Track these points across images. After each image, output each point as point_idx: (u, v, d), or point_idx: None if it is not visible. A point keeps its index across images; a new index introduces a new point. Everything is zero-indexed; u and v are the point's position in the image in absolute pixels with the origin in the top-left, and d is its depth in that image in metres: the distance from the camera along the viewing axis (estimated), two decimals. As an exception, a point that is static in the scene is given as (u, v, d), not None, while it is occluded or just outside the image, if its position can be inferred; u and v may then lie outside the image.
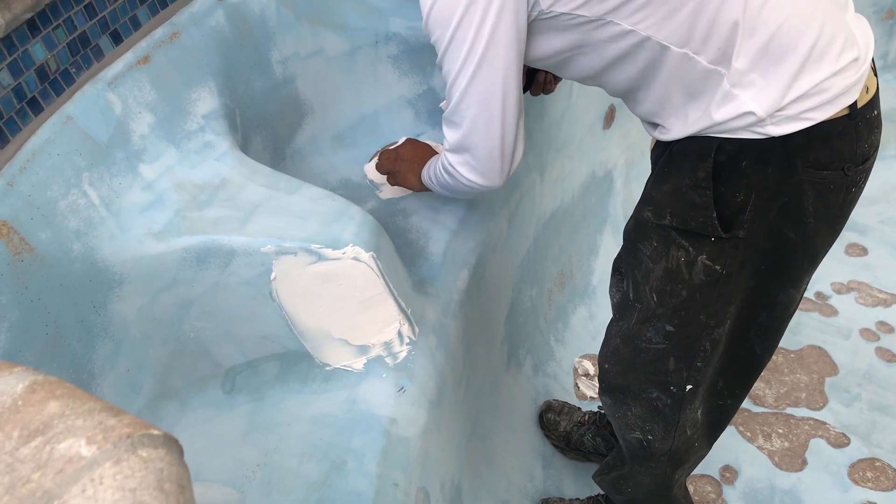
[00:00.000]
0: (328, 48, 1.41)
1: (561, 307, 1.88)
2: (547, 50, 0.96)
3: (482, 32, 0.90)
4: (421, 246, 1.36)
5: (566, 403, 1.66)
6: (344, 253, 1.03)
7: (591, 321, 1.93)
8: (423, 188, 1.27)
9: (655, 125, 1.01)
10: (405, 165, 1.31)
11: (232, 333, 1.11)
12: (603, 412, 1.58)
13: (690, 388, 1.10)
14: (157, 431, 0.45)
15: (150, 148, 1.09)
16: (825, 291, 2.03)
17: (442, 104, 1.11)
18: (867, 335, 1.91)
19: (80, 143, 1.01)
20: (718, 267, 0.98)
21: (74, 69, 1.05)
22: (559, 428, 1.61)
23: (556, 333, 1.84)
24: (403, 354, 1.13)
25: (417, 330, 1.15)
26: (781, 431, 1.70)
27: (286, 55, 1.36)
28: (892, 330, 1.92)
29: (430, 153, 1.31)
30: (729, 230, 0.95)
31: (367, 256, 1.03)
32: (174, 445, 0.46)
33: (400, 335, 1.11)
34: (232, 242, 1.03)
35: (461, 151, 1.05)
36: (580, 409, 1.64)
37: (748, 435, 1.69)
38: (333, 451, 1.05)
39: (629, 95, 1.01)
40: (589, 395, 1.76)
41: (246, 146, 1.29)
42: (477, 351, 1.43)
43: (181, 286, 1.05)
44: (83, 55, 1.06)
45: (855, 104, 0.89)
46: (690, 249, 0.98)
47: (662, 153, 1.01)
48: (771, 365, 1.82)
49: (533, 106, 1.51)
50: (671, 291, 1.03)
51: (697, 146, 0.94)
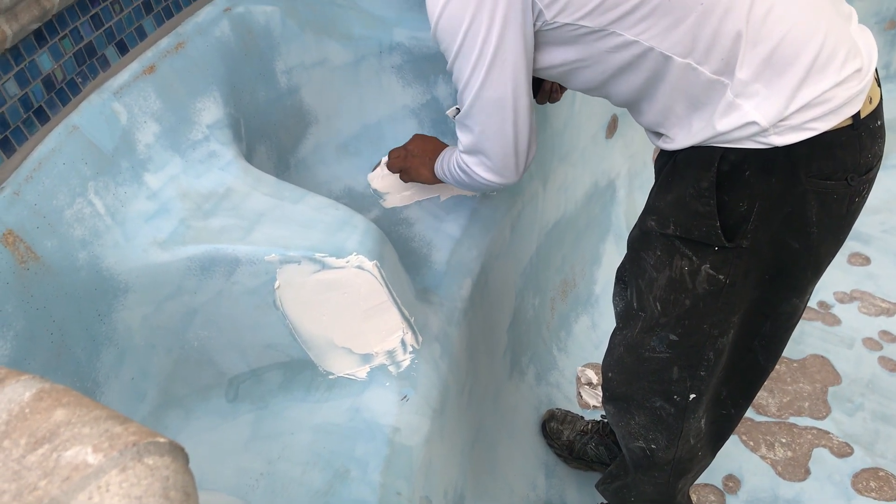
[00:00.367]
0: (332, 58, 1.42)
1: (564, 316, 1.88)
2: (551, 60, 0.97)
3: (490, 40, 0.91)
4: (424, 255, 1.36)
5: (569, 412, 1.65)
6: (347, 262, 1.03)
7: (593, 330, 1.93)
8: (436, 181, 1.27)
9: (659, 135, 1.02)
10: (416, 161, 1.31)
11: (236, 342, 1.12)
12: (606, 421, 1.58)
13: (694, 397, 1.10)
14: (162, 439, 0.45)
15: (155, 157, 1.10)
16: (828, 301, 2.03)
17: (447, 112, 1.12)
18: (870, 344, 1.90)
19: (85, 152, 1.01)
20: (722, 276, 0.98)
21: (81, 79, 1.06)
22: (562, 437, 1.60)
23: (558, 342, 1.84)
24: (407, 363, 1.13)
25: (421, 338, 1.15)
26: (784, 441, 1.69)
27: (290, 65, 1.37)
28: (895, 339, 1.91)
29: (439, 146, 1.31)
30: (732, 240, 0.95)
31: (370, 265, 1.04)
32: (180, 453, 0.46)
33: (403, 344, 1.12)
34: (236, 251, 1.03)
35: (475, 153, 1.06)
36: (583, 418, 1.64)
37: (751, 444, 1.69)
38: (337, 459, 1.04)
39: (633, 106, 1.02)
40: (592, 404, 1.75)
41: (250, 155, 1.30)
42: (480, 359, 1.43)
43: (185, 295, 1.06)
44: (89, 65, 1.07)
45: (858, 114, 0.89)
46: (694, 259, 0.99)
47: (666, 163, 1.02)
48: (774, 374, 1.82)
49: (536, 115, 1.51)
50: (675, 301, 1.03)
51: (701, 156, 0.94)
